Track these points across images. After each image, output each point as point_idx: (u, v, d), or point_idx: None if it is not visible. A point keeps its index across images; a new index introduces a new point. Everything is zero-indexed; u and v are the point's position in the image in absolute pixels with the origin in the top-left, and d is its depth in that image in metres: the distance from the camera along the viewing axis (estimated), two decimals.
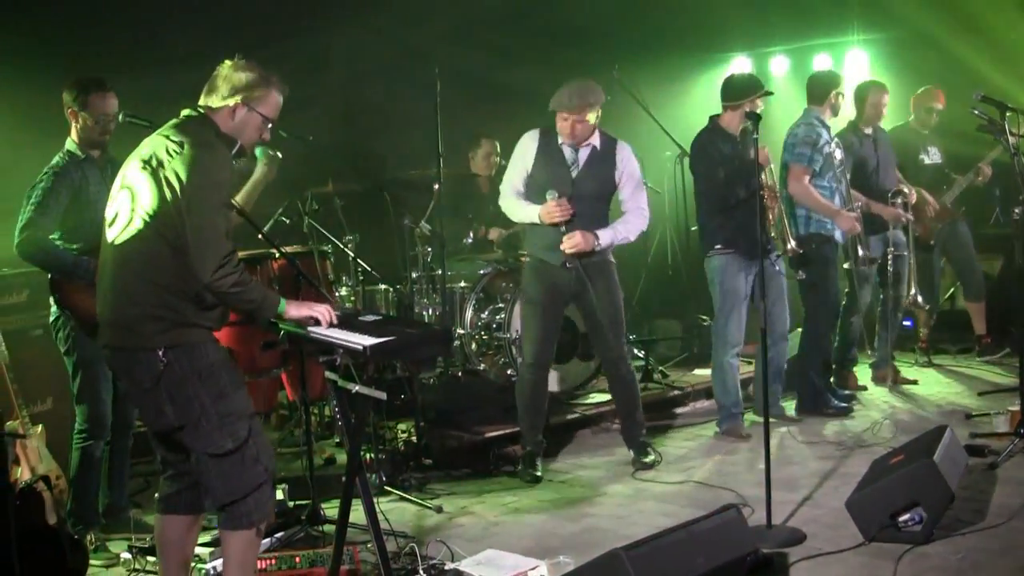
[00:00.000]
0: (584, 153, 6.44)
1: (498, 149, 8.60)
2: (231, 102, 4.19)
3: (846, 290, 8.18)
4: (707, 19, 10.07)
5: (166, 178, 3.99)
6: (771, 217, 7.05)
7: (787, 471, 6.30)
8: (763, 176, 6.66)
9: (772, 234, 7.10)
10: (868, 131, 8.12)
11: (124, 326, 4.08)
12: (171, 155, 4.02)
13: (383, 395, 4.11)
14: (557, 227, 6.25)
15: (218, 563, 4.73)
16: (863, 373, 8.65)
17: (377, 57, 8.21)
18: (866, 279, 8.06)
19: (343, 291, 7.52)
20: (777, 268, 7.18)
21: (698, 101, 10.86)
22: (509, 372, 7.63)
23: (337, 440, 7.27)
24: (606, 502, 6.05)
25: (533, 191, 6.43)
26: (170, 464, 4.35)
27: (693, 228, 9.70)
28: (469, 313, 7.81)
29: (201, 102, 4.26)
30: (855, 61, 10.56)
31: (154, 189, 4.01)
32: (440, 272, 7.43)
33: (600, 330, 6.53)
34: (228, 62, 4.26)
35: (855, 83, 8.41)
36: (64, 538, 4.77)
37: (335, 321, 4.20)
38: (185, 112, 4.25)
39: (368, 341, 3.94)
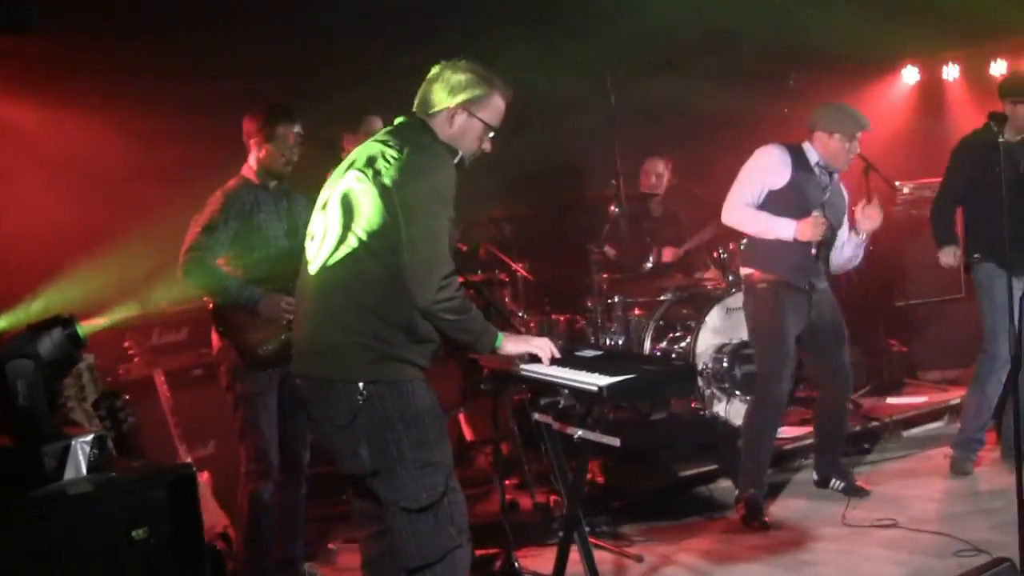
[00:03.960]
0: (835, 179, 6.04)
1: (660, 168, 8.16)
2: (448, 106, 3.77)
3: None
4: (878, 27, 9.50)
5: (384, 186, 3.57)
6: None
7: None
8: None
9: None
10: None
11: (324, 353, 3.66)
12: (389, 161, 3.61)
13: (616, 441, 3.63)
14: (807, 248, 5.82)
15: None
16: None
17: (545, 73, 7.78)
18: None
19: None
20: None
21: (867, 111, 10.29)
22: (695, 406, 7.08)
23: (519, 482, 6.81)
24: (823, 548, 5.52)
25: (775, 208, 5.87)
26: (368, 518, 3.89)
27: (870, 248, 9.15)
28: (647, 343, 7.26)
29: (415, 108, 3.86)
30: None
31: (370, 200, 3.59)
32: (616, 299, 6.96)
33: (830, 354, 6.10)
34: (443, 63, 3.85)
35: None
36: None
37: (557, 355, 3.73)
38: (399, 119, 3.85)
39: (603, 380, 3.47)
